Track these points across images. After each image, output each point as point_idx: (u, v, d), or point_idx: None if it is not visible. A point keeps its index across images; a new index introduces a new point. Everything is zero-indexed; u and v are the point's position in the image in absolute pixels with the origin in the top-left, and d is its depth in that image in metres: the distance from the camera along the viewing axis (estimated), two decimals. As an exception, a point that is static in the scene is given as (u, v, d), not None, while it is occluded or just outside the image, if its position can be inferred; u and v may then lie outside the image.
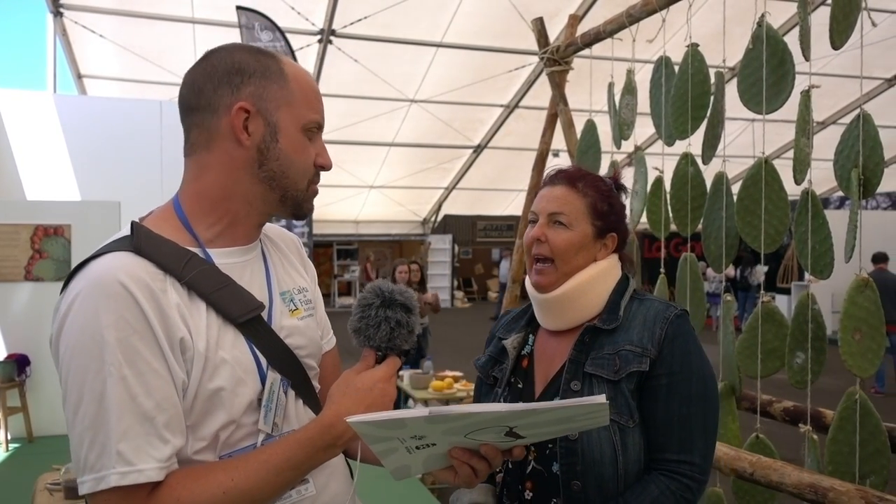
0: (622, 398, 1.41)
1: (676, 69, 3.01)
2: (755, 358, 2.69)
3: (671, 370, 1.42)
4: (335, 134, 12.91)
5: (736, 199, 2.73)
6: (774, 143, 13.75)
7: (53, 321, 1.08)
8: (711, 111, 2.92)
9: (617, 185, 1.63)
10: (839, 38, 2.37)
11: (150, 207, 1.24)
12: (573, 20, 4.16)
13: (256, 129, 1.16)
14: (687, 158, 3.02)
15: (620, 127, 3.46)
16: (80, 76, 11.80)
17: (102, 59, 11.48)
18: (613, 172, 2.46)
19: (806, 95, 2.45)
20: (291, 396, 1.21)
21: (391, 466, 1.17)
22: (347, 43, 11.59)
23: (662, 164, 3.10)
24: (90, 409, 1.02)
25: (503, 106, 14.46)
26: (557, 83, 4.00)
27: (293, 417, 1.21)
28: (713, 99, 2.92)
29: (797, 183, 2.47)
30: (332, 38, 11.45)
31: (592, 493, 1.40)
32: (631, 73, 3.47)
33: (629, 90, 3.44)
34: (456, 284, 21.72)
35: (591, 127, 3.70)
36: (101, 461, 1.01)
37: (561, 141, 4.06)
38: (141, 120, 7.32)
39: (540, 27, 4.14)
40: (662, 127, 3.11)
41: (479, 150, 16.09)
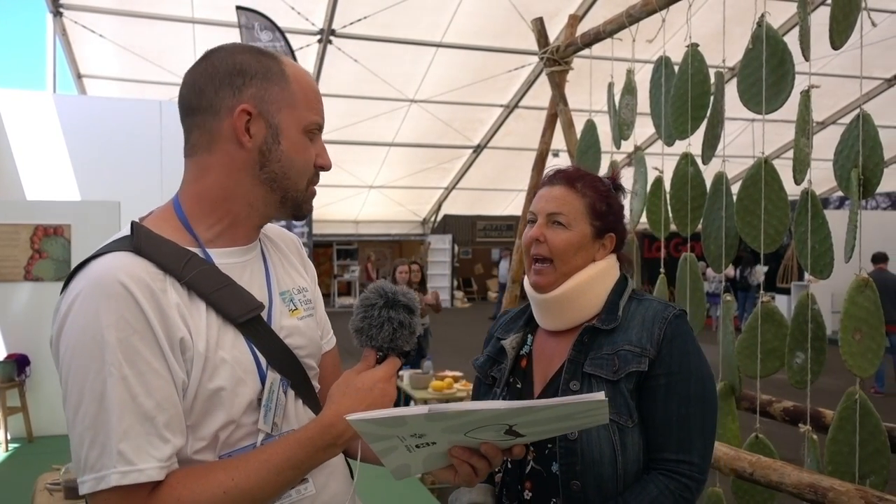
0: (621, 398, 1.42)
1: (676, 69, 3.01)
2: (755, 358, 2.69)
3: (670, 370, 1.42)
4: (335, 134, 12.91)
5: (736, 199, 2.73)
6: (774, 143, 13.76)
7: (54, 321, 1.08)
8: (711, 111, 2.92)
9: (615, 185, 1.63)
10: (839, 38, 2.37)
11: (150, 207, 1.24)
12: (573, 20, 4.16)
13: (258, 131, 1.16)
14: (687, 158, 3.02)
15: (620, 127, 3.46)
16: (79, 76, 11.80)
17: (102, 58, 11.49)
18: (611, 173, 2.46)
19: (806, 95, 2.45)
20: (291, 396, 1.21)
21: (391, 466, 1.17)
22: (347, 43, 11.59)
23: (662, 164, 3.10)
24: (91, 408, 1.02)
25: (503, 106, 14.45)
26: (557, 83, 4.00)
27: (293, 417, 1.21)
28: (713, 99, 2.92)
29: (797, 183, 2.47)
30: (331, 38, 11.45)
31: (592, 492, 1.40)
32: (631, 73, 3.47)
33: (629, 90, 3.44)
34: (456, 284, 21.72)
35: (590, 127, 3.70)
36: (101, 461, 1.01)
37: (561, 141, 4.06)
38: (141, 120, 7.33)
39: (540, 27, 4.14)
40: (662, 127, 3.12)
41: (478, 150, 16.09)
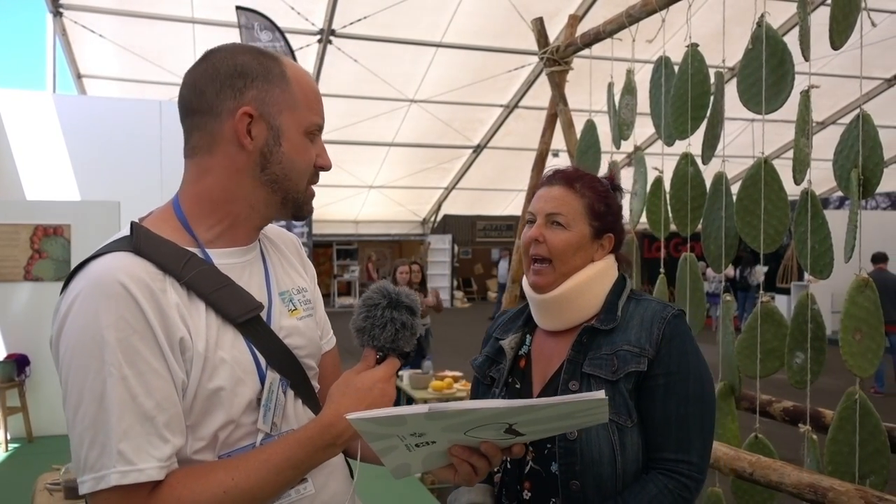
0: (620, 398, 1.42)
1: (676, 69, 3.01)
2: (754, 358, 2.69)
3: (668, 370, 1.43)
4: (335, 134, 12.91)
5: (735, 199, 2.73)
6: (774, 143, 13.75)
7: (53, 321, 1.08)
8: (711, 111, 2.92)
9: (613, 185, 1.63)
10: (839, 38, 2.37)
11: (149, 207, 1.24)
12: (573, 20, 4.16)
13: (259, 133, 1.16)
14: (686, 158, 3.02)
15: (620, 127, 3.46)
16: (79, 76, 11.80)
17: (102, 58, 11.49)
18: (610, 173, 2.46)
19: (805, 95, 2.45)
20: (290, 396, 1.22)
21: (391, 465, 1.17)
22: (347, 43, 11.59)
23: (662, 164, 3.09)
24: (90, 408, 1.02)
25: (503, 106, 14.46)
26: (557, 83, 4.00)
27: (292, 417, 1.21)
28: (713, 99, 2.92)
29: (797, 183, 2.47)
30: (331, 38, 11.45)
31: (591, 492, 1.40)
32: (631, 73, 3.46)
33: (629, 90, 3.44)
34: (455, 284, 21.73)
35: (590, 127, 3.70)
36: (101, 461, 1.01)
37: (561, 141, 4.06)
38: (141, 120, 7.33)
39: (540, 27, 4.14)
40: (662, 127, 3.11)
41: (478, 150, 16.10)
